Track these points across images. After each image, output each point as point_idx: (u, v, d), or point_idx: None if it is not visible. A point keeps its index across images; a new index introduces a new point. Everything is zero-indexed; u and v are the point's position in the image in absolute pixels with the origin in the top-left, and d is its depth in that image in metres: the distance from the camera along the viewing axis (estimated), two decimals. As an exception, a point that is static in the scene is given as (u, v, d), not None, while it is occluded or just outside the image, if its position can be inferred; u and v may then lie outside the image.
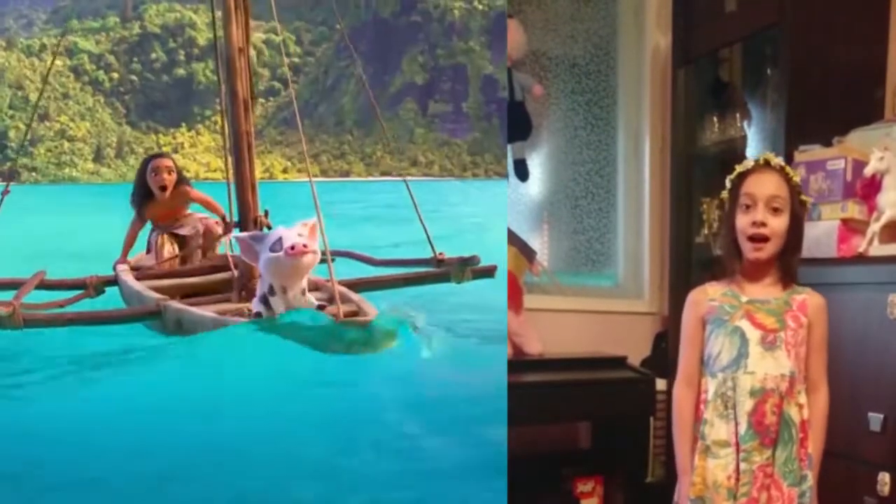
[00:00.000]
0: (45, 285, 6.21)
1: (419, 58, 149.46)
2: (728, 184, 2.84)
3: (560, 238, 4.92)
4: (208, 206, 6.77)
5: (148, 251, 6.85)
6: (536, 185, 4.83)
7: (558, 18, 4.82)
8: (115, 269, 6.38)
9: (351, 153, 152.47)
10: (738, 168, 2.82)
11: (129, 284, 5.86)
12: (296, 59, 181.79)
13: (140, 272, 6.25)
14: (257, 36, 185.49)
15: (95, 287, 6.04)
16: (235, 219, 5.59)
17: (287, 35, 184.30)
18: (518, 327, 4.25)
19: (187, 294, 5.78)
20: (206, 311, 4.96)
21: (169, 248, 6.59)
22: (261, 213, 5.43)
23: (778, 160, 2.81)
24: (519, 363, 4.15)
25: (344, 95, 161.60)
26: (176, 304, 5.15)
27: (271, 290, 4.57)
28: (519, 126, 4.40)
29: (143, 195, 6.60)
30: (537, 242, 4.74)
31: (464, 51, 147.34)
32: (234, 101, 5.40)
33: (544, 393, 4.00)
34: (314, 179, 5.25)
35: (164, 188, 6.55)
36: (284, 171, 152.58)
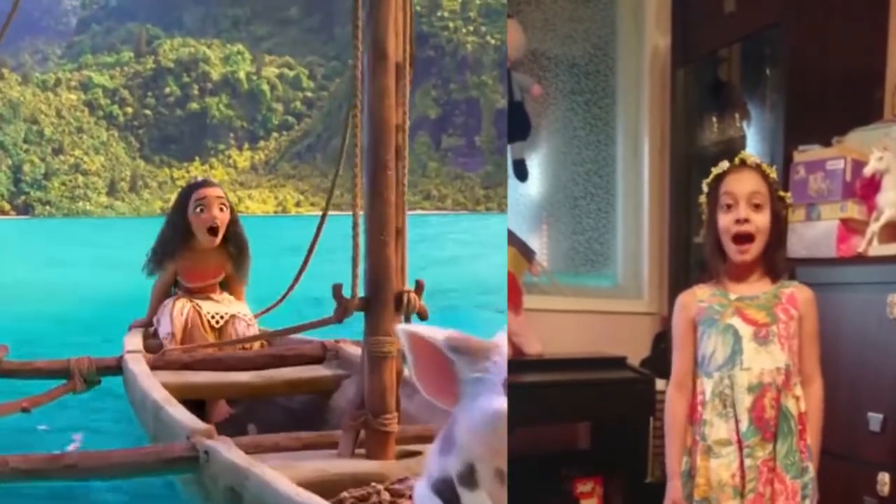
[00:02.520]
0: (4, 371, 4.20)
1: (432, 92, 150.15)
2: (705, 187, 2.85)
3: (559, 238, 4.92)
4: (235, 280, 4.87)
5: (152, 330, 4.74)
6: (535, 185, 4.82)
7: (557, 19, 4.82)
8: (124, 348, 4.33)
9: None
10: (715, 170, 2.84)
11: (141, 384, 3.73)
12: (309, 94, 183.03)
13: (158, 356, 4.19)
14: (271, 70, 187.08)
15: (85, 376, 3.98)
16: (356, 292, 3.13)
17: (300, 69, 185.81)
18: (517, 327, 4.24)
19: (231, 393, 4.11)
20: (292, 485, 2.62)
21: (199, 327, 4.52)
22: (409, 287, 3.14)
23: (754, 158, 2.84)
24: (518, 363, 4.14)
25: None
26: (228, 454, 2.93)
27: (469, 476, 1.57)
28: (518, 126, 4.41)
29: (179, 239, 4.66)
30: (536, 243, 4.73)
31: (476, 85, 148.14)
32: (378, 65, 2.98)
33: (543, 393, 3.99)
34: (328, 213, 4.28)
35: (214, 230, 4.61)
36: (297, 204, 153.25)
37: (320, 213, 4.59)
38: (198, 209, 4.56)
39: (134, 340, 4.35)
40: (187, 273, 4.71)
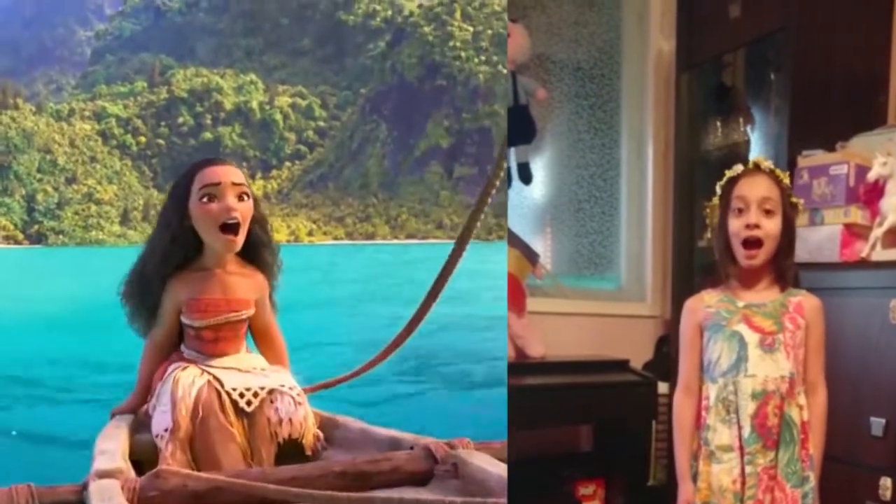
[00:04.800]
0: None
1: (444, 121, 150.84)
2: (718, 189, 2.84)
3: (563, 241, 4.93)
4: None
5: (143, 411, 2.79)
6: (540, 188, 4.83)
7: (562, 23, 4.85)
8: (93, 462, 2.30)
9: (376, 215, 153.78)
10: (729, 173, 2.82)
11: None
12: (321, 123, 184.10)
13: (149, 479, 2.20)
14: (284, 100, 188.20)
15: None
16: None
17: (313, 99, 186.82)
18: (520, 330, 4.25)
19: None
20: None
21: (217, 414, 2.57)
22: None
23: (768, 163, 2.82)
24: (521, 366, 4.15)
25: (369, 158, 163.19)
26: None
27: None
28: (523, 129, 4.42)
29: (177, 248, 2.77)
30: (540, 245, 4.75)
31: (488, 114, 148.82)
32: None
33: (546, 395, 4.00)
34: (340, 242, 3.64)
35: (231, 227, 2.70)
36: (310, 233, 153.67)
37: (333, 241, 3.58)
38: (204, 198, 2.70)
39: (112, 444, 2.45)
40: (194, 304, 2.78)
